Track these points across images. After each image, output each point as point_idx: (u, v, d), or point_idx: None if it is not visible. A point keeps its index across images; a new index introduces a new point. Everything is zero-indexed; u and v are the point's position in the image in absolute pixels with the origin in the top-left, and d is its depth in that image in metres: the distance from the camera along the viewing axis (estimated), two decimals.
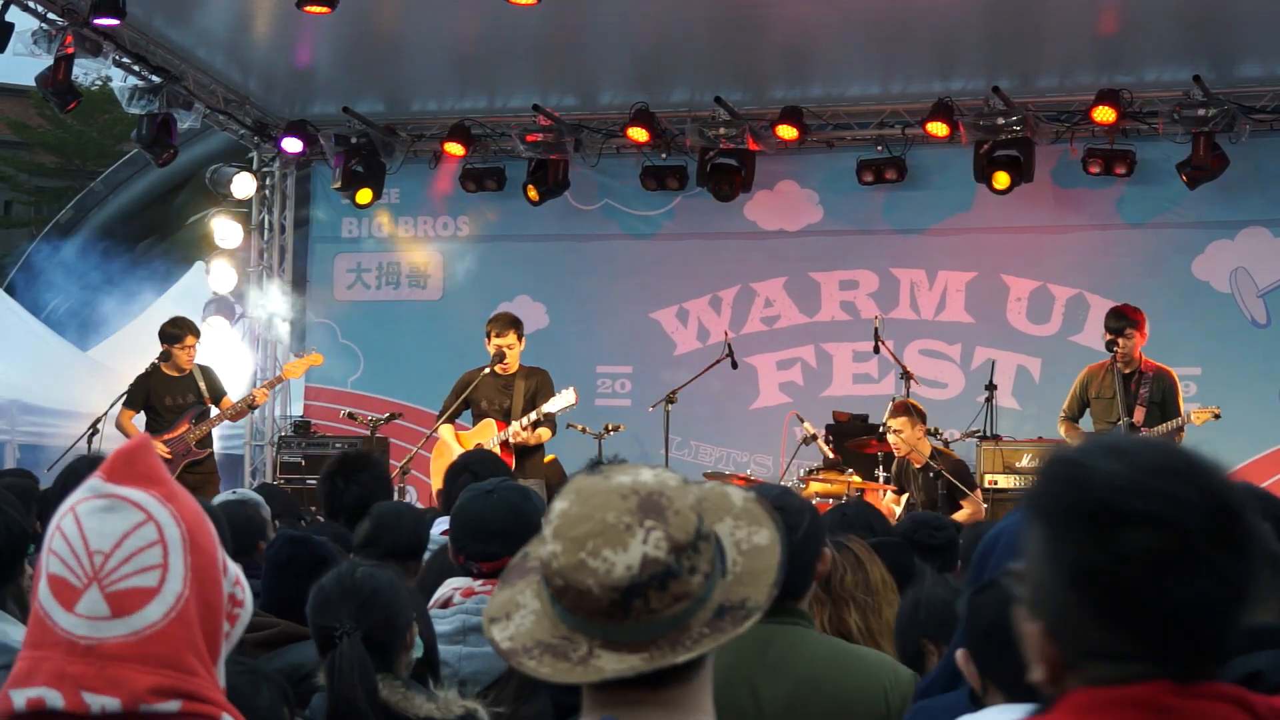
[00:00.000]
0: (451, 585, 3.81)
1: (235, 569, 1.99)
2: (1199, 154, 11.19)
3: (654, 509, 1.78)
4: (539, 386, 9.62)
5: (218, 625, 1.92)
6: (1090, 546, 1.47)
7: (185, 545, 1.87)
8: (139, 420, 10.61)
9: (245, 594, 2.00)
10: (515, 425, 9.38)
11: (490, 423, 9.51)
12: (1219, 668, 1.51)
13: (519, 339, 9.68)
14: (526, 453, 9.52)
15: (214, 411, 10.55)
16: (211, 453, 10.56)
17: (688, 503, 1.80)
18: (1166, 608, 1.46)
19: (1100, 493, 1.47)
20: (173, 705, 1.84)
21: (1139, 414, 9.40)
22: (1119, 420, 9.38)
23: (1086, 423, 9.85)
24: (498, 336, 9.67)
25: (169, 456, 10.15)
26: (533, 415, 9.41)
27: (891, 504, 9.53)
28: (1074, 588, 1.49)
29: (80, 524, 1.87)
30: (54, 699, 1.82)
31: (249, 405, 10.78)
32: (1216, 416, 9.61)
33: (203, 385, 10.52)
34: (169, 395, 10.47)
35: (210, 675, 1.90)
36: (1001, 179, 11.64)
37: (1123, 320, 9.71)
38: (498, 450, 9.36)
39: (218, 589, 1.92)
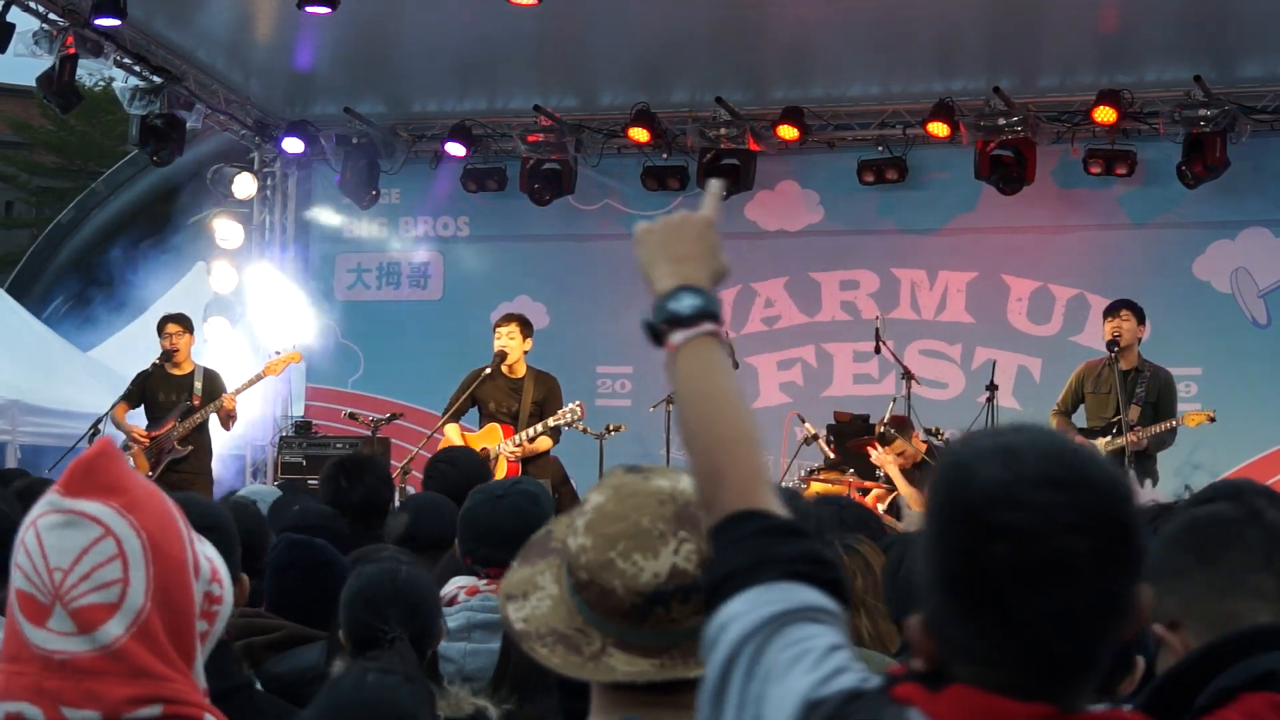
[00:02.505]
0: (456, 583, 3.81)
1: (211, 566, 1.97)
2: (1213, 154, 11.18)
3: (689, 520, 1.77)
4: (548, 395, 9.58)
5: (189, 628, 1.91)
6: (960, 554, 1.47)
7: (146, 556, 1.86)
8: (135, 416, 10.63)
9: (223, 589, 1.98)
10: (511, 444, 9.35)
11: (496, 428, 9.49)
12: (1089, 681, 1.50)
13: (522, 334, 9.63)
14: (531, 456, 9.51)
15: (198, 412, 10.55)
16: (196, 450, 10.50)
17: None
18: (1029, 619, 1.45)
19: (974, 502, 1.47)
20: (153, 710, 1.84)
21: (1134, 412, 9.39)
22: (1115, 416, 9.36)
23: (1080, 418, 9.84)
24: (499, 325, 9.67)
25: (145, 444, 10.21)
26: (529, 433, 9.38)
27: (875, 500, 9.53)
28: (945, 590, 1.49)
29: (41, 540, 1.86)
30: (33, 714, 1.82)
31: (227, 414, 10.62)
32: (1211, 420, 9.59)
33: (198, 385, 10.53)
34: (163, 392, 10.52)
35: (187, 678, 1.89)
36: (1006, 182, 11.69)
37: (1116, 305, 9.71)
38: (504, 460, 9.35)
39: (186, 593, 1.90)
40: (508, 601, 1.86)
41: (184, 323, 10.68)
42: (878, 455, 9.72)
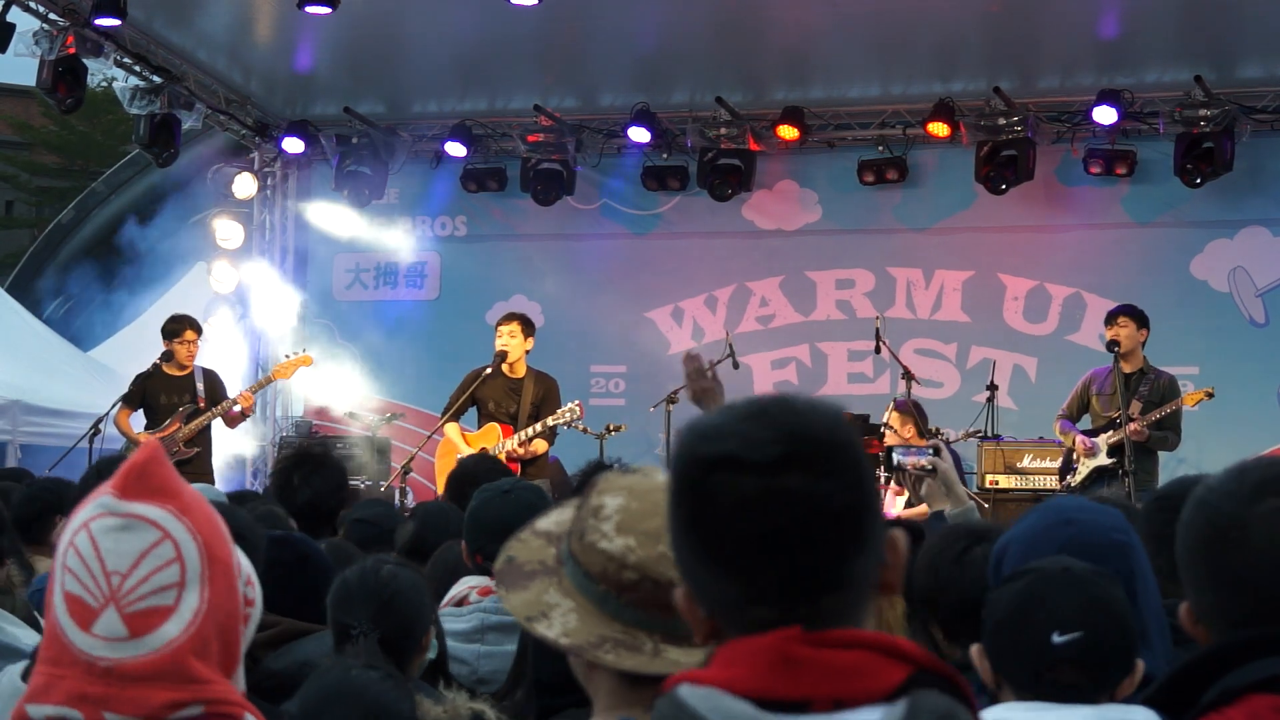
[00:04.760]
0: (467, 584, 3.80)
1: (247, 568, 1.99)
2: (1220, 155, 11.20)
3: None
4: (546, 395, 9.57)
5: (236, 632, 1.93)
6: (689, 498, 1.50)
7: (202, 560, 1.87)
8: (136, 419, 10.62)
9: (255, 592, 2.00)
10: (513, 442, 9.37)
11: (495, 427, 9.50)
12: (847, 599, 1.50)
13: (523, 333, 9.61)
14: (529, 458, 9.52)
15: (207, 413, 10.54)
16: (201, 453, 10.50)
17: None
18: (758, 542, 1.46)
19: (689, 445, 1.51)
20: (194, 710, 1.85)
21: (1134, 406, 9.41)
22: (1117, 413, 9.37)
23: (1084, 425, 9.83)
24: (501, 324, 9.65)
25: None
26: (529, 431, 9.39)
27: (895, 495, 9.52)
28: (686, 541, 1.51)
29: (96, 543, 1.85)
30: (75, 718, 1.83)
31: (241, 412, 10.65)
32: (1210, 395, 9.62)
33: (200, 386, 10.49)
34: (164, 394, 10.45)
35: (226, 682, 1.90)
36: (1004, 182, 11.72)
37: (1114, 311, 9.72)
38: (503, 459, 9.37)
39: (234, 596, 1.92)
40: (532, 623, 1.87)
41: (199, 329, 10.67)
42: (886, 431, 9.71)
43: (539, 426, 9.38)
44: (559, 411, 9.44)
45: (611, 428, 10.40)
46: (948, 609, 3.05)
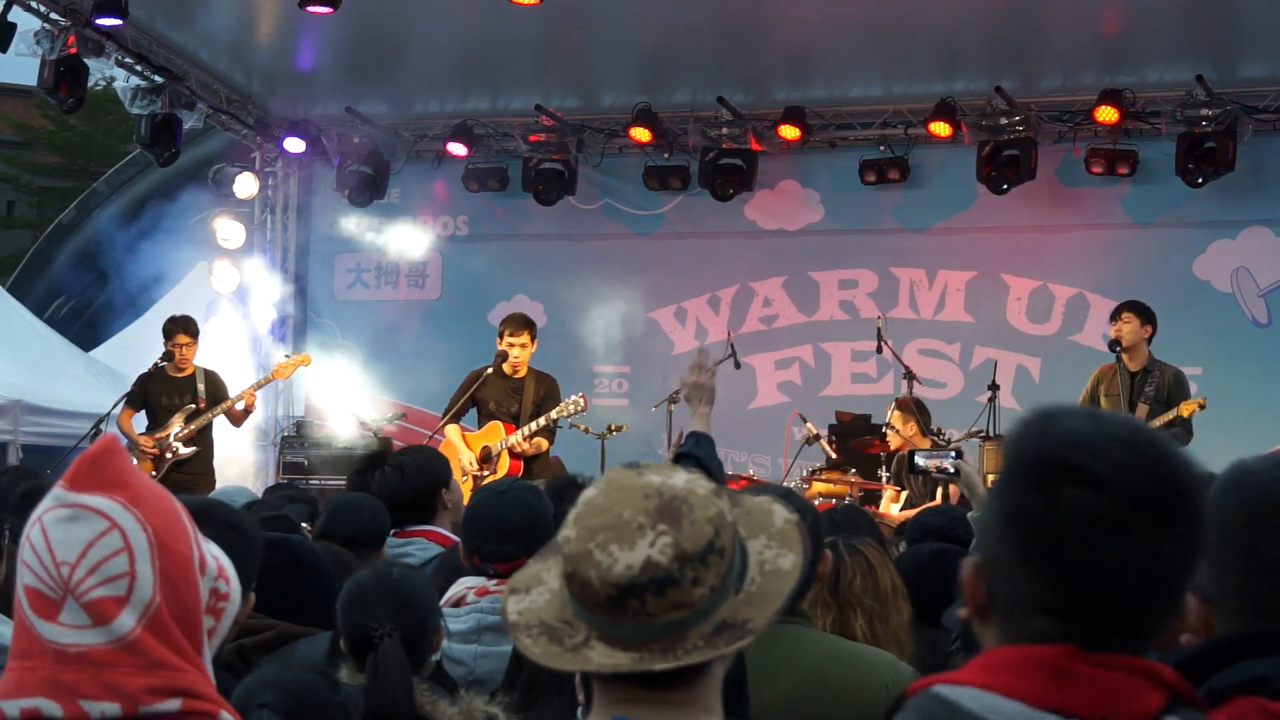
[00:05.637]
0: (464, 584, 3.80)
1: (217, 564, 1.98)
2: (1223, 155, 11.18)
3: (671, 514, 1.77)
4: (547, 394, 9.56)
5: (196, 623, 1.92)
6: (1033, 493, 1.51)
7: (152, 550, 1.86)
8: (139, 420, 10.64)
9: (229, 587, 1.99)
10: (516, 436, 9.37)
11: (497, 425, 9.50)
12: (1136, 641, 1.52)
13: (532, 340, 9.62)
14: (531, 456, 9.52)
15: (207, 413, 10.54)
16: (200, 452, 10.51)
17: (709, 514, 1.79)
18: (1088, 567, 1.48)
19: (1055, 445, 1.51)
20: (172, 704, 1.84)
21: (1141, 410, 9.39)
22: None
23: None
24: (512, 335, 9.57)
25: (155, 453, 10.22)
26: (532, 426, 9.39)
27: (890, 501, 9.52)
28: (1010, 530, 1.53)
29: (46, 535, 1.86)
30: (50, 708, 1.82)
31: (244, 410, 10.66)
32: (1201, 407, 9.61)
33: (201, 387, 10.52)
34: (165, 395, 10.49)
35: (200, 671, 1.90)
36: (1006, 182, 11.70)
37: (1118, 308, 9.72)
38: (506, 455, 9.36)
39: (192, 589, 1.91)
40: (510, 595, 1.88)
41: (194, 332, 10.66)
42: (890, 432, 9.71)
43: (542, 421, 9.38)
44: (563, 404, 9.44)
45: (613, 428, 10.38)
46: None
